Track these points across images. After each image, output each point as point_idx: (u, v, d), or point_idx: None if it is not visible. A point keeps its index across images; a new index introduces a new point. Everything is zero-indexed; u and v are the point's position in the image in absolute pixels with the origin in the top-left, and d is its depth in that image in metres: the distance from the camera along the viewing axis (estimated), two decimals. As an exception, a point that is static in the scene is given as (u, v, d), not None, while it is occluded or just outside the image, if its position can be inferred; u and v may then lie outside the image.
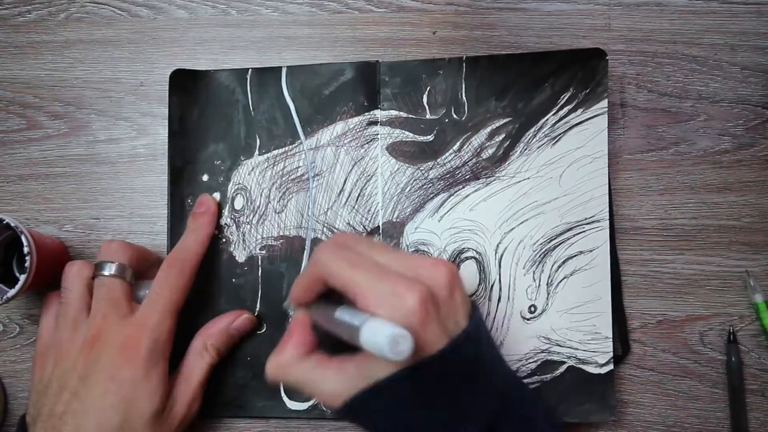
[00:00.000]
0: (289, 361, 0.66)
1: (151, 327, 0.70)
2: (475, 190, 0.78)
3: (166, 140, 0.81)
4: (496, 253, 0.78)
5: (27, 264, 0.72)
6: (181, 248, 0.76)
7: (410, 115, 0.80)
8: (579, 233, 0.77)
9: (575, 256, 0.77)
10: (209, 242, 0.78)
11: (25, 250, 0.72)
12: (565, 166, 0.78)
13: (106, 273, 0.73)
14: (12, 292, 0.72)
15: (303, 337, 0.67)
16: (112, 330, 0.70)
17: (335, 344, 0.65)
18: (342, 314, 0.61)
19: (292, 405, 0.78)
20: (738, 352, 0.78)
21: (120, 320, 0.71)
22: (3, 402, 0.81)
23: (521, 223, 0.78)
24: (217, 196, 0.81)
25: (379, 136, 0.80)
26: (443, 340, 0.57)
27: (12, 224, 0.73)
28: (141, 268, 0.77)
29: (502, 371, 0.65)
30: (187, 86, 0.81)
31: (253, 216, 0.80)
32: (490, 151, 0.79)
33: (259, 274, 0.80)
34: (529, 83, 0.79)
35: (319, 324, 0.67)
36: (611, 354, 0.77)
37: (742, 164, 0.81)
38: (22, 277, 0.72)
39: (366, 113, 0.80)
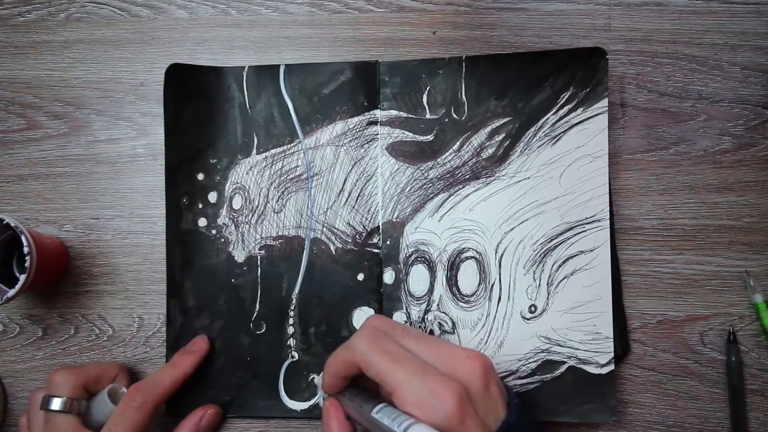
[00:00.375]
0: None
1: None
2: (475, 190, 0.79)
3: (164, 137, 0.81)
4: (496, 252, 0.78)
5: (27, 264, 0.72)
6: (151, 381, 0.74)
7: (410, 115, 0.80)
8: (579, 233, 0.77)
9: (575, 255, 0.77)
10: (183, 382, 0.76)
11: (25, 250, 0.72)
12: (566, 166, 0.78)
13: (52, 408, 0.71)
14: (12, 292, 0.72)
15: (339, 427, 0.66)
16: None
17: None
18: (381, 416, 0.60)
19: (292, 405, 0.78)
20: (738, 352, 0.78)
21: None
22: (3, 402, 0.81)
23: (521, 222, 0.78)
24: (213, 195, 0.80)
25: (378, 136, 0.80)
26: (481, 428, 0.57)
27: (12, 224, 0.73)
28: (98, 387, 0.75)
29: None
30: (183, 82, 0.81)
31: (252, 216, 0.80)
32: (490, 151, 0.79)
33: (259, 274, 0.80)
34: (529, 83, 0.79)
35: (352, 415, 0.67)
36: (612, 354, 0.76)
37: (742, 164, 0.81)
38: (22, 277, 0.72)
39: (366, 113, 0.80)
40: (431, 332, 0.78)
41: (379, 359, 0.60)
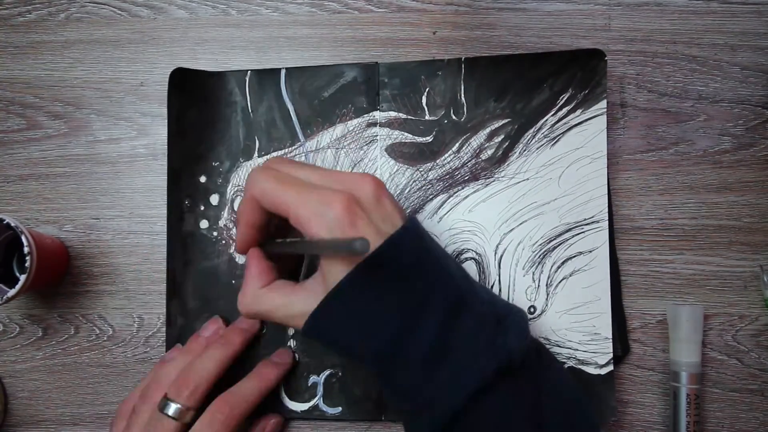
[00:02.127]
0: (256, 292, 0.68)
1: None
2: (475, 191, 0.79)
3: (166, 140, 0.81)
4: (495, 253, 0.78)
5: (27, 264, 0.72)
6: (237, 394, 0.73)
7: (409, 117, 0.80)
8: (578, 234, 0.77)
9: (575, 256, 0.77)
10: (268, 394, 0.76)
11: (25, 250, 0.72)
12: (565, 167, 0.78)
13: (167, 412, 0.70)
14: (12, 292, 0.72)
15: (259, 267, 0.69)
16: None
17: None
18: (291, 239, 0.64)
19: (292, 405, 0.78)
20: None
21: None
22: (3, 402, 0.81)
23: (520, 223, 0.78)
24: (215, 198, 0.80)
25: (378, 138, 0.80)
26: (378, 240, 0.59)
27: (12, 224, 0.73)
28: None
29: (456, 270, 0.65)
30: (186, 86, 0.81)
31: (253, 217, 0.80)
32: (490, 152, 0.79)
33: (259, 275, 0.80)
34: (528, 84, 0.79)
35: (273, 252, 0.70)
36: (611, 355, 0.77)
37: (742, 164, 0.81)
38: (22, 277, 0.72)
39: (365, 115, 0.80)
40: None
41: (273, 186, 0.62)
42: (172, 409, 0.70)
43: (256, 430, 0.77)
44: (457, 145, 0.79)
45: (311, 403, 0.78)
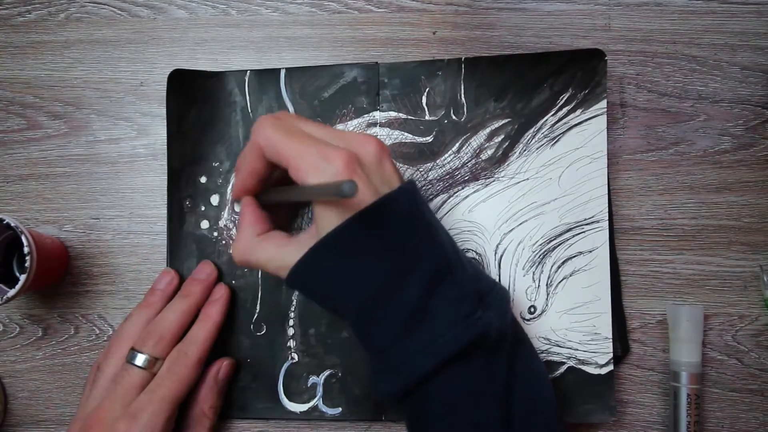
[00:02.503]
0: (250, 242, 0.69)
1: (143, 421, 0.69)
2: (475, 191, 0.78)
3: (166, 141, 0.81)
4: (495, 253, 0.78)
5: (27, 264, 0.72)
6: (187, 339, 0.75)
7: (409, 117, 0.80)
8: (578, 234, 0.77)
9: (575, 256, 0.77)
10: (218, 331, 0.77)
11: (25, 250, 0.72)
12: (565, 167, 0.78)
13: (135, 362, 0.72)
14: (12, 292, 0.72)
15: (255, 215, 0.70)
16: (106, 422, 0.69)
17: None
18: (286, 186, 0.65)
19: (292, 406, 0.78)
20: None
21: (120, 410, 0.69)
22: (3, 402, 0.82)
23: (520, 223, 0.78)
24: (215, 198, 0.81)
25: (378, 138, 0.79)
26: (374, 197, 0.60)
27: (12, 224, 0.73)
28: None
29: (447, 240, 0.65)
30: (185, 87, 0.81)
31: (253, 217, 0.80)
32: (490, 152, 0.79)
33: (259, 275, 0.80)
34: (528, 84, 0.79)
35: (268, 201, 0.70)
36: (611, 354, 0.77)
37: (742, 164, 0.81)
38: (22, 277, 0.72)
39: (365, 115, 0.80)
40: None
41: (279, 136, 0.62)
42: (140, 359, 0.72)
43: (210, 373, 0.77)
44: (457, 145, 0.79)
45: (311, 404, 0.78)
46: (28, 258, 0.72)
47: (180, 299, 0.77)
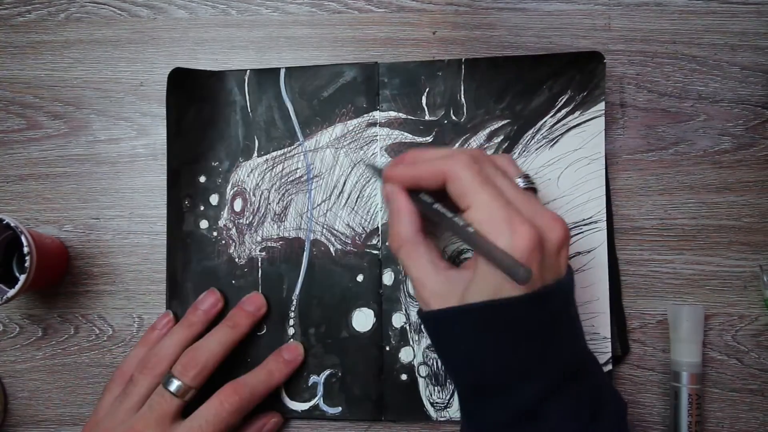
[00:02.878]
0: (412, 235, 0.65)
1: None
2: (474, 192, 0.78)
3: (166, 140, 0.81)
4: (495, 254, 0.78)
5: (27, 264, 0.72)
6: (248, 385, 0.73)
7: (409, 117, 0.80)
8: (577, 234, 0.77)
9: (573, 257, 0.77)
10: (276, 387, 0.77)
11: (25, 250, 0.72)
12: (563, 168, 0.78)
13: (170, 388, 0.71)
14: (12, 292, 0.73)
15: (412, 208, 0.66)
16: None
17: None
18: (443, 208, 0.62)
19: (293, 405, 0.79)
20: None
21: None
22: (3, 402, 0.82)
23: (520, 224, 0.78)
24: (215, 198, 0.81)
25: (378, 138, 0.80)
26: (539, 283, 0.58)
27: (12, 224, 0.73)
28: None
29: (582, 340, 0.65)
30: (185, 86, 0.81)
31: (253, 218, 0.80)
32: (489, 153, 0.78)
33: (259, 275, 0.80)
34: (528, 85, 0.79)
35: (422, 207, 0.66)
36: (610, 354, 0.77)
37: (742, 164, 0.81)
38: (22, 277, 0.73)
39: (365, 114, 0.80)
40: None
41: (471, 175, 0.60)
42: (175, 385, 0.71)
43: (254, 427, 0.77)
44: (456, 145, 0.79)
45: (311, 403, 0.79)
46: (28, 258, 0.72)
47: (228, 330, 0.76)
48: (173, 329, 0.77)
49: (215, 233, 0.80)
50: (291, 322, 0.79)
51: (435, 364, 0.78)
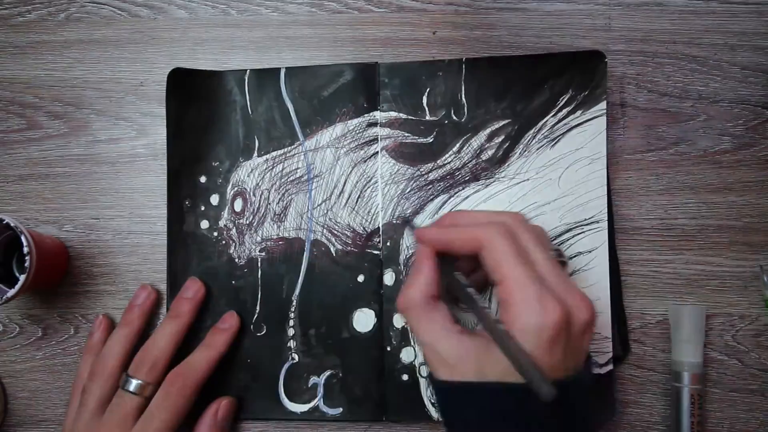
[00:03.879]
0: (418, 301, 0.65)
1: None
2: (475, 192, 0.79)
3: (166, 140, 0.81)
4: (495, 254, 0.78)
5: (27, 264, 0.72)
6: (188, 364, 0.75)
7: (410, 117, 0.80)
8: (578, 234, 0.77)
9: (574, 257, 0.77)
10: (219, 361, 0.77)
11: (25, 250, 0.72)
12: (564, 168, 0.78)
13: (128, 388, 0.72)
14: (12, 292, 0.72)
15: (432, 275, 0.65)
16: None
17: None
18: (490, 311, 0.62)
19: (292, 407, 0.78)
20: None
21: None
22: (3, 402, 0.82)
23: (520, 224, 0.78)
24: (215, 198, 0.81)
25: (378, 138, 0.80)
26: (559, 373, 0.58)
27: (12, 224, 0.73)
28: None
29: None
30: (185, 86, 0.81)
31: (253, 218, 0.80)
32: (490, 153, 0.79)
33: (259, 275, 0.80)
34: (529, 85, 0.79)
35: (447, 281, 0.66)
36: (611, 354, 0.77)
37: (742, 164, 0.81)
38: (22, 277, 0.72)
39: (365, 115, 0.80)
40: None
41: (506, 249, 0.60)
42: (133, 384, 0.72)
43: (208, 412, 0.77)
44: (457, 145, 0.79)
45: (311, 404, 0.78)
46: (27, 258, 0.72)
47: (171, 321, 0.77)
48: (114, 331, 0.78)
49: (216, 233, 0.80)
50: (291, 322, 0.79)
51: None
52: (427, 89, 0.80)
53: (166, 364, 0.74)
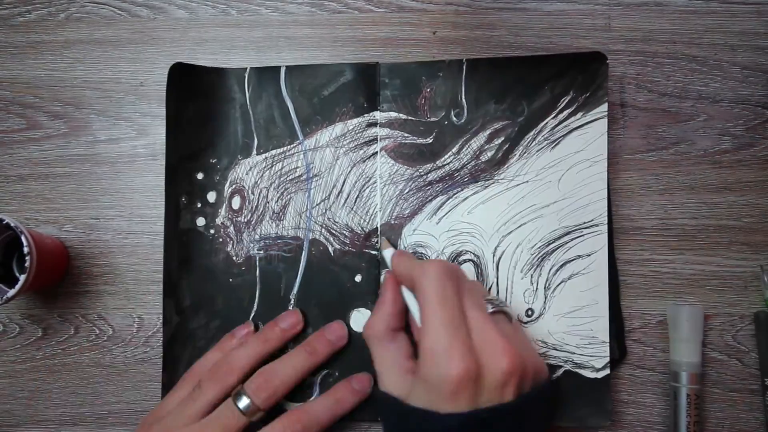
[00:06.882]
0: (377, 332, 0.69)
1: None
2: (474, 193, 0.78)
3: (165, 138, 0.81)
4: (493, 256, 0.78)
5: (27, 264, 0.72)
6: (310, 413, 0.73)
7: (410, 117, 0.80)
8: (577, 237, 0.77)
9: (573, 260, 0.77)
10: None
11: (25, 250, 0.72)
12: (564, 170, 0.78)
13: (239, 404, 0.71)
14: (12, 292, 0.72)
15: (396, 306, 0.70)
16: None
17: None
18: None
19: (289, 406, 0.78)
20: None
21: None
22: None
23: (519, 226, 0.78)
24: (212, 195, 0.81)
25: (378, 138, 0.80)
26: (470, 407, 0.58)
27: (12, 224, 0.73)
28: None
29: None
30: (185, 81, 0.81)
31: (251, 216, 0.80)
32: (489, 154, 0.79)
33: (257, 274, 0.80)
34: (529, 86, 0.79)
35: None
36: (608, 358, 0.77)
37: (742, 164, 0.81)
38: (22, 277, 0.72)
39: (365, 114, 0.80)
40: None
41: (433, 291, 0.62)
42: (245, 403, 0.71)
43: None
44: (456, 146, 0.79)
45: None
46: (28, 258, 0.72)
47: (305, 355, 0.76)
48: (249, 341, 0.76)
49: (212, 231, 0.80)
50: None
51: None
52: (427, 89, 0.80)
53: (283, 395, 0.73)
